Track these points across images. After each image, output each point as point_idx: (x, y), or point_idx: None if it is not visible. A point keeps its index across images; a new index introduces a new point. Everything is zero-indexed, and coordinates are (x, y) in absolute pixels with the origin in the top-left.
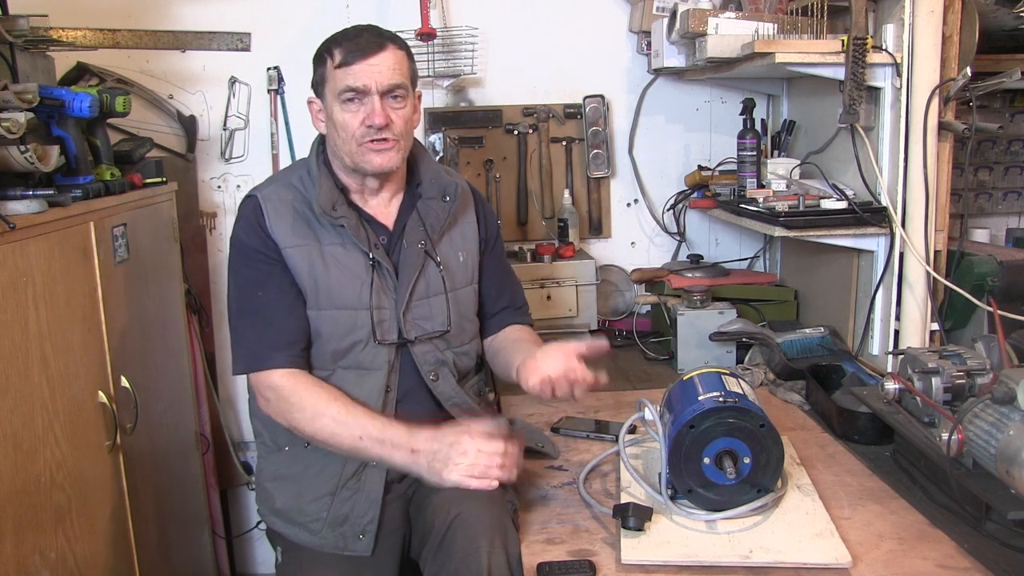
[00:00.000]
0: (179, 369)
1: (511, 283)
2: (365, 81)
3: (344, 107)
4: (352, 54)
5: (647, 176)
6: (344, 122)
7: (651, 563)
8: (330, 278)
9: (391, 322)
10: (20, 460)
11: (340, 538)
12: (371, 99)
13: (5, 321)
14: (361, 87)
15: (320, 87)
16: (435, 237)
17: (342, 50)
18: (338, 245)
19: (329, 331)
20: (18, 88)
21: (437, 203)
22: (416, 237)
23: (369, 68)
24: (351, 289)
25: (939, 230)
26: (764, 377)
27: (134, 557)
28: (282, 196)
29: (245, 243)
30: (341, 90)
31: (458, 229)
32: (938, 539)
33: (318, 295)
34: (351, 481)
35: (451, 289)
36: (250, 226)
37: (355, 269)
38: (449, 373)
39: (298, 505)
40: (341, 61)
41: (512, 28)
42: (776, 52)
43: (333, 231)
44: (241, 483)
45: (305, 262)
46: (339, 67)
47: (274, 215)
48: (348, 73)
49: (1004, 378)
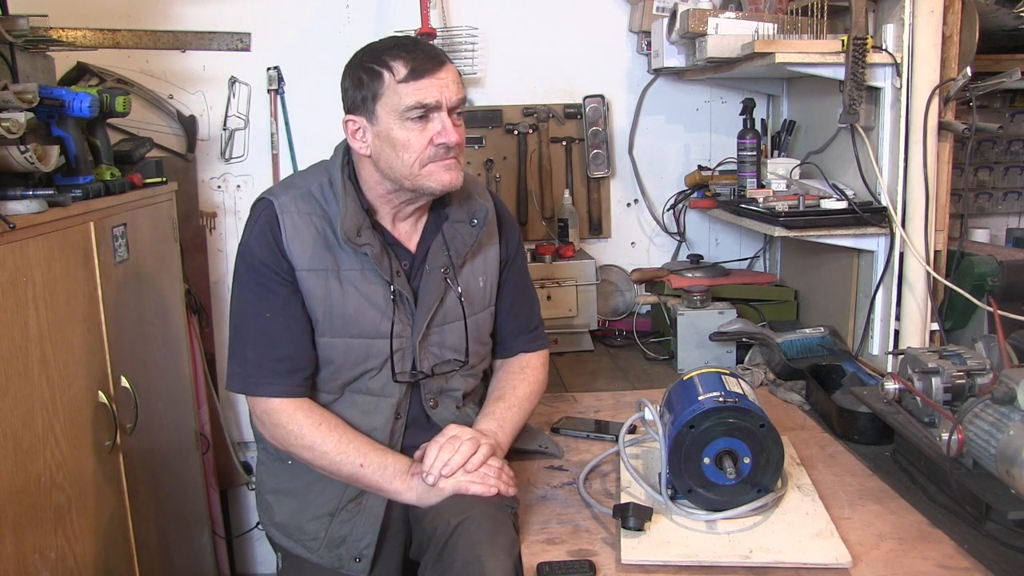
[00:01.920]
0: (179, 369)
1: (527, 302)
2: (437, 96)
3: (407, 125)
4: (419, 69)
5: (647, 176)
6: (407, 142)
7: (651, 563)
8: (347, 306)
9: (407, 350)
10: (20, 460)
11: (336, 559)
12: (440, 115)
13: (5, 321)
14: (433, 103)
15: (369, 104)
16: (458, 263)
17: (405, 63)
18: (357, 271)
19: (341, 359)
20: (18, 88)
21: (464, 227)
22: (439, 263)
23: (438, 82)
24: (368, 318)
25: (939, 230)
26: (764, 377)
27: (134, 557)
28: (301, 209)
29: (257, 256)
30: (408, 106)
31: (481, 256)
32: (938, 539)
33: (332, 322)
34: (351, 504)
35: (470, 315)
36: (264, 238)
37: (374, 298)
38: (450, 400)
39: (297, 522)
40: (407, 75)
41: (512, 28)
42: (776, 52)
43: (354, 256)
44: (241, 483)
45: (321, 288)
46: (403, 81)
47: (292, 232)
48: (417, 88)
49: (1004, 378)
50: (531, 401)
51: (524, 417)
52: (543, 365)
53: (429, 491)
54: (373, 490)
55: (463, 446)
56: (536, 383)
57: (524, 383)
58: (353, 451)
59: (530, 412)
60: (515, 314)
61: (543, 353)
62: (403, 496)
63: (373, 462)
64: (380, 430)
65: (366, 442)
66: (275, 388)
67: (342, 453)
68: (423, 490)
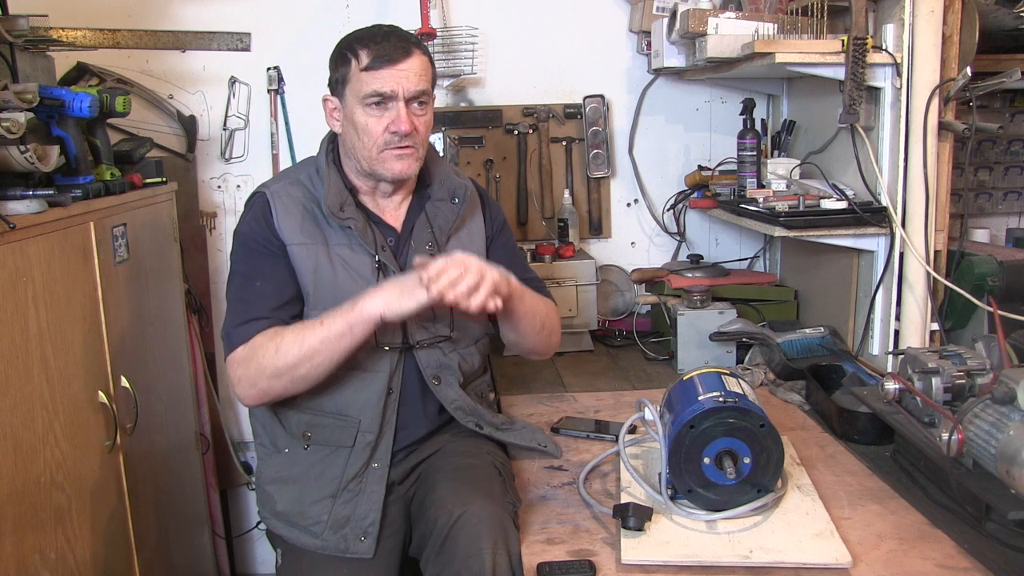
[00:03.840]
0: (179, 369)
1: (520, 270)
2: (393, 87)
3: (367, 111)
4: (380, 58)
5: (647, 176)
6: (366, 126)
7: (651, 563)
8: (336, 279)
9: (394, 324)
10: (20, 460)
11: (342, 540)
12: (397, 105)
13: (5, 321)
14: (388, 92)
15: (340, 87)
16: (442, 239)
17: (369, 52)
18: (345, 246)
19: None
20: (18, 88)
21: (446, 205)
22: (424, 239)
23: (397, 73)
24: (356, 290)
25: (939, 230)
26: (764, 377)
27: (134, 557)
28: (291, 193)
29: (249, 234)
30: (367, 94)
31: (466, 230)
32: (938, 539)
33: (321, 293)
34: (352, 483)
35: None
36: (256, 220)
37: (361, 271)
38: (452, 377)
39: (299, 508)
40: (368, 64)
41: (512, 28)
42: (776, 52)
43: (341, 232)
44: (241, 483)
45: (311, 261)
46: (365, 70)
47: (283, 212)
48: (375, 77)
49: (1004, 378)
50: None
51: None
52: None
53: (400, 297)
54: (347, 333)
55: (469, 276)
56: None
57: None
58: (309, 325)
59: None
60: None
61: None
62: (371, 309)
63: (331, 314)
64: (373, 405)
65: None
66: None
67: (300, 333)
68: (392, 297)
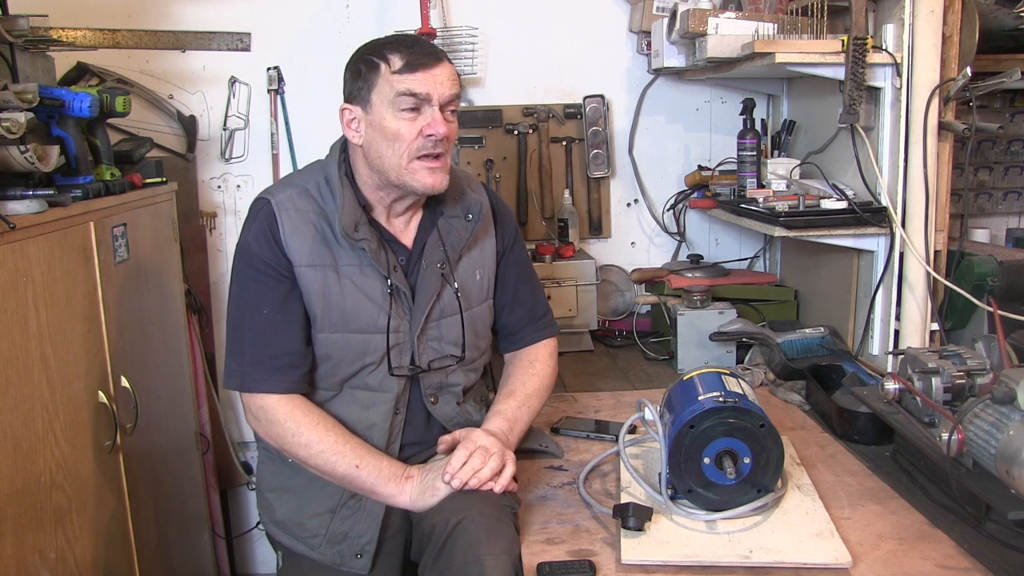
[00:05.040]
0: (179, 369)
1: (530, 290)
2: (428, 89)
3: (399, 115)
4: (414, 63)
5: (647, 176)
6: (398, 131)
7: (651, 563)
8: (345, 301)
9: (406, 345)
10: (20, 460)
11: (338, 555)
12: (431, 109)
13: (5, 321)
14: (424, 94)
15: (364, 93)
16: (454, 258)
17: (402, 56)
18: (355, 267)
19: (339, 355)
20: (18, 88)
21: (459, 222)
22: (435, 258)
23: (432, 77)
24: (367, 313)
25: (939, 230)
26: (764, 377)
27: (134, 557)
28: (299, 206)
29: (255, 253)
30: (401, 93)
31: (478, 248)
32: (938, 539)
33: (330, 317)
34: (352, 500)
35: (466, 309)
36: (263, 235)
37: (372, 294)
38: (451, 396)
39: (297, 519)
40: (402, 67)
41: (512, 28)
42: (776, 52)
43: (351, 251)
44: (241, 483)
45: (319, 283)
46: (398, 72)
47: (290, 229)
48: (410, 79)
49: (1004, 378)
50: (540, 397)
51: (533, 415)
52: (551, 356)
53: (423, 495)
54: (367, 492)
55: (492, 460)
56: (545, 376)
57: (533, 378)
58: (349, 452)
59: (539, 408)
60: (519, 303)
61: (551, 343)
62: (396, 500)
63: (369, 464)
64: (379, 426)
65: (362, 444)
66: (272, 384)
67: (338, 453)
68: (416, 494)
